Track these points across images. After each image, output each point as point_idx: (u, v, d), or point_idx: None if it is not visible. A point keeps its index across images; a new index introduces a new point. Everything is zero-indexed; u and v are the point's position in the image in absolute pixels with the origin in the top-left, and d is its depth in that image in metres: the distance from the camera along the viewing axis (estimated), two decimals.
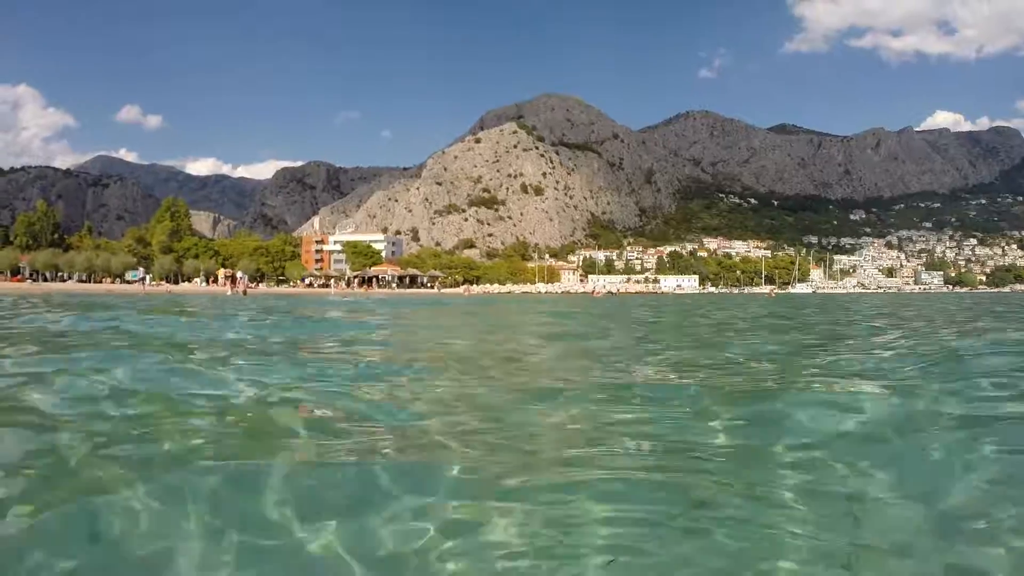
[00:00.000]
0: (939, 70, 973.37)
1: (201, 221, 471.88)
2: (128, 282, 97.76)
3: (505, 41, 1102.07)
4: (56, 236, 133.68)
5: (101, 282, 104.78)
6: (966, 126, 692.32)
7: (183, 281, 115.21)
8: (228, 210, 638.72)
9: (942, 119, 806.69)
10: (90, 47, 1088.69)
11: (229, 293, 69.65)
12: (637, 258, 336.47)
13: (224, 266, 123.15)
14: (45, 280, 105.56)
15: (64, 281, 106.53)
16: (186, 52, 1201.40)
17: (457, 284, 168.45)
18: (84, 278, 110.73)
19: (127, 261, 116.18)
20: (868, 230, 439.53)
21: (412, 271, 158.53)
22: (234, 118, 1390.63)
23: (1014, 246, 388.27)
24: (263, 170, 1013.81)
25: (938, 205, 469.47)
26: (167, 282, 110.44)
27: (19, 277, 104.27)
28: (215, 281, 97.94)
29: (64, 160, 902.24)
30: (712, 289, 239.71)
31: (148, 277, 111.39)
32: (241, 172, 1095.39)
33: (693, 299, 76.49)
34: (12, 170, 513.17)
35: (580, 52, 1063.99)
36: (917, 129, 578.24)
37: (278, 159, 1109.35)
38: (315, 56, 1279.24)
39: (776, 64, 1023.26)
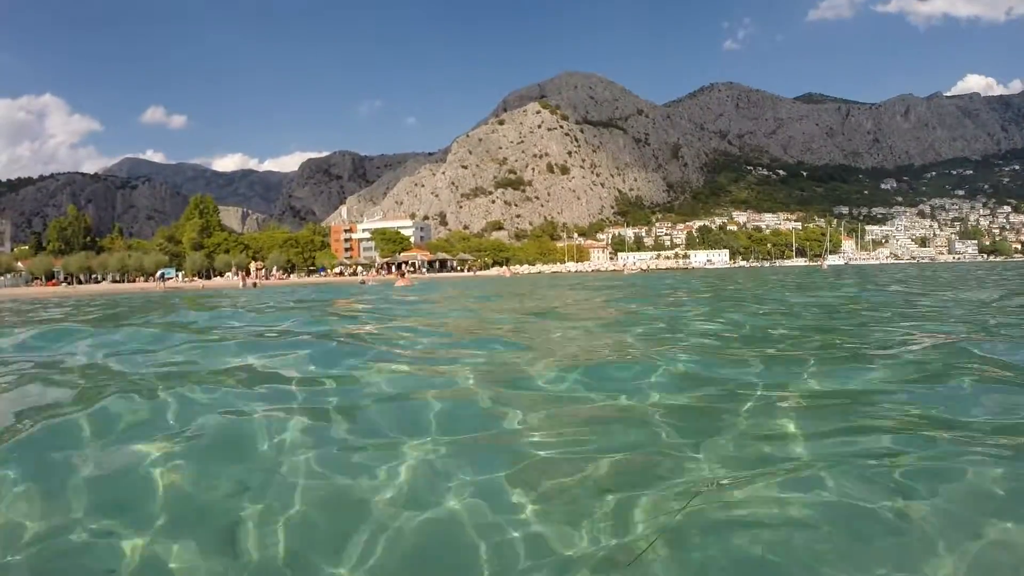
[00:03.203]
0: (968, 33, 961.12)
1: (230, 216, 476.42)
2: (165, 278, 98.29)
3: (524, 21, 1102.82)
4: (88, 239, 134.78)
5: (135, 281, 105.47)
6: (998, 90, 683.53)
7: (215, 276, 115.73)
8: (256, 204, 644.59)
9: (973, 83, 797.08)
10: (110, 52, 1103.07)
11: (241, 287, 69.61)
12: (666, 234, 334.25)
13: (255, 259, 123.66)
14: (80, 283, 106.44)
15: (98, 283, 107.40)
16: (207, 50, 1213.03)
17: (487, 267, 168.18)
18: (118, 278, 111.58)
19: (159, 259, 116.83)
20: (900, 199, 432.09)
21: (442, 255, 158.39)
22: (258, 113, 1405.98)
23: None
24: (289, 162, 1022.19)
25: (971, 172, 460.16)
26: (199, 277, 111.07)
27: (54, 281, 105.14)
28: (247, 274, 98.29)
29: (92, 165, 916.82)
30: (743, 263, 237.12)
31: (180, 274, 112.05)
32: (267, 166, 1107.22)
33: (745, 273, 74.72)
34: (42, 178, 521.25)
35: (600, 28, 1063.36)
36: (947, 94, 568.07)
37: (303, 151, 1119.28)
38: (336, 46, 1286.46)
39: (801, 33, 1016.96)
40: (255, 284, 73.77)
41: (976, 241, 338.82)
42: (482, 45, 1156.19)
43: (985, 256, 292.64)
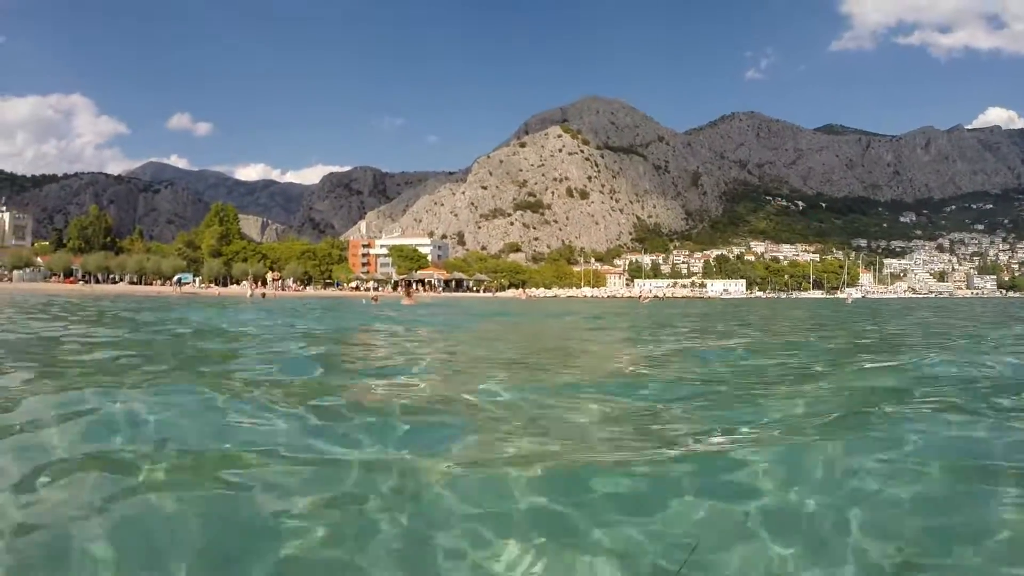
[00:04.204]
0: (990, 65, 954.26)
1: (250, 225, 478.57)
2: (182, 283, 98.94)
3: (549, 45, 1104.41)
4: (108, 240, 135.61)
5: (151, 284, 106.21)
6: (1019, 123, 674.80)
7: (232, 284, 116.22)
8: (276, 214, 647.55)
9: (994, 116, 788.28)
10: (140, 57, 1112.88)
11: (248, 296, 68.86)
12: (683, 262, 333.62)
13: (272, 269, 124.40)
14: (97, 282, 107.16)
15: (116, 283, 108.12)
16: (235, 61, 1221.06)
17: (503, 288, 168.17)
18: (135, 280, 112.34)
19: (177, 264, 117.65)
20: (919, 232, 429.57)
21: (458, 275, 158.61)
22: (282, 125, 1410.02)
23: None
24: (311, 175, 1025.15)
25: (990, 206, 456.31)
26: (216, 284, 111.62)
27: (72, 279, 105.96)
28: (264, 283, 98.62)
29: (116, 166, 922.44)
30: (760, 294, 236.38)
31: (197, 280, 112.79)
32: (289, 177, 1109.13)
33: (766, 304, 74.85)
34: (66, 176, 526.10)
35: (624, 54, 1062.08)
36: (968, 127, 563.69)
37: (325, 164, 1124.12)
38: (362, 63, 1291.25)
39: (823, 63, 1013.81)
40: (263, 295, 72.95)
41: (995, 276, 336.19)
42: (505, 66, 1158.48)
43: (1004, 292, 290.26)
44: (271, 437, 3.54)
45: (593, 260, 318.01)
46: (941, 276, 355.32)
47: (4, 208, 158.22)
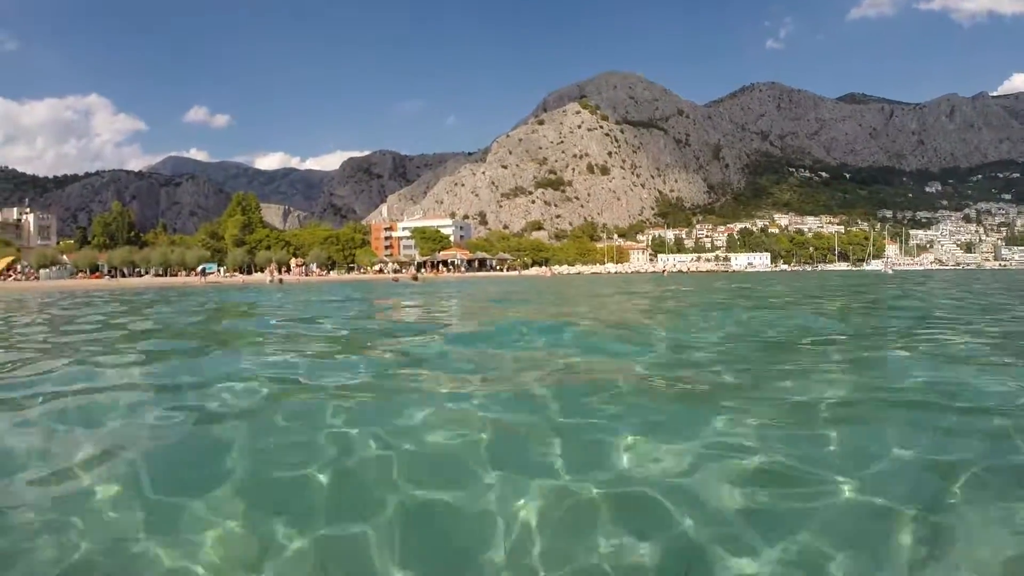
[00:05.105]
0: (1014, 31, 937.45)
1: (272, 213, 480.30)
2: (206, 272, 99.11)
3: (565, 22, 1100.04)
4: (132, 234, 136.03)
5: (176, 275, 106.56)
6: None
7: (256, 271, 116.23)
8: (297, 202, 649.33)
9: (1020, 82, 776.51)
10: (155, 54, 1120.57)
11: (268, 281, 69.49)
12: (707, 236, 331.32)
13: (295, 256, 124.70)
14: (123, 276, 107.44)
15: (141, 276, 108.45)
16: (250, 52, 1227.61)
17: (526, 266, 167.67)
18: (160, 272, 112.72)
19: (201, 255, 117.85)
20: (944, 203, 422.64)
21: (481, 254, 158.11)
22: (299, 112, 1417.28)
23: None
24: (330, 161, 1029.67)
25: (1017, 175, 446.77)
26: (240, 273, 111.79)
27: (98, 274, 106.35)
28: (287, 270, 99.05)
29: (137, 163, 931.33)
30: (784, 267, 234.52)
31: (222, 269, 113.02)
32: (309, 164, 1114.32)
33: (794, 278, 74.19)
34: (87, 175, 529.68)
35: (640, 28, 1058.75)
36: (993, 94, 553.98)
37: (344, 150, 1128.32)
38: (378, 46, 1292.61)
39: (843, 31, 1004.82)
40: (280, 281, 73.40)
41: (1023, 248, 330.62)
42: (522, 45, 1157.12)
43: None
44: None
45: (616, 236, 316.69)
46: (968, 247, 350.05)
47: (28, 210, 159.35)
